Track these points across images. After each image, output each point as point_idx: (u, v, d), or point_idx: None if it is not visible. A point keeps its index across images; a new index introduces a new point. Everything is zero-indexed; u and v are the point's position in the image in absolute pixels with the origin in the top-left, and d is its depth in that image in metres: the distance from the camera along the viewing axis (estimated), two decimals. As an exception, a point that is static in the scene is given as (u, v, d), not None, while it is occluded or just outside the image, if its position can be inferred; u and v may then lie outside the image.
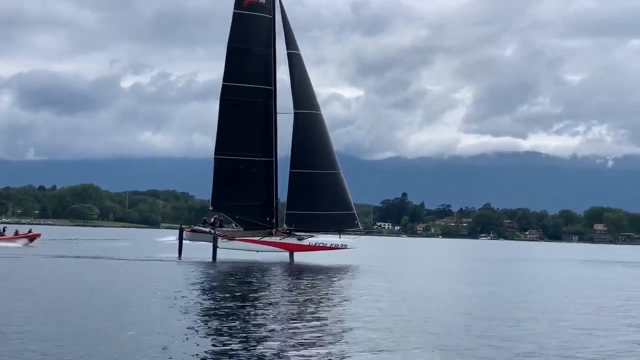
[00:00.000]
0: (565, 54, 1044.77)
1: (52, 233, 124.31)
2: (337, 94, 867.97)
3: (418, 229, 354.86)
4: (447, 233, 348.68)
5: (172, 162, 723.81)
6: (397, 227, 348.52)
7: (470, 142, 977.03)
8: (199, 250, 61.55)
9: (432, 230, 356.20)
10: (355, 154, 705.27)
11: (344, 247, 63.13)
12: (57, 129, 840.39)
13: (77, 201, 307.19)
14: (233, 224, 63.55)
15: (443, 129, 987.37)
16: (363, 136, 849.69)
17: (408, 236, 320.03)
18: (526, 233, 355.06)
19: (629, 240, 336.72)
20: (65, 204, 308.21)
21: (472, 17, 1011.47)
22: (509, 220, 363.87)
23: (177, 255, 61.64)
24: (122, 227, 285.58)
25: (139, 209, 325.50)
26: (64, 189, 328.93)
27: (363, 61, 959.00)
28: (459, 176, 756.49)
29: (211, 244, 60.17)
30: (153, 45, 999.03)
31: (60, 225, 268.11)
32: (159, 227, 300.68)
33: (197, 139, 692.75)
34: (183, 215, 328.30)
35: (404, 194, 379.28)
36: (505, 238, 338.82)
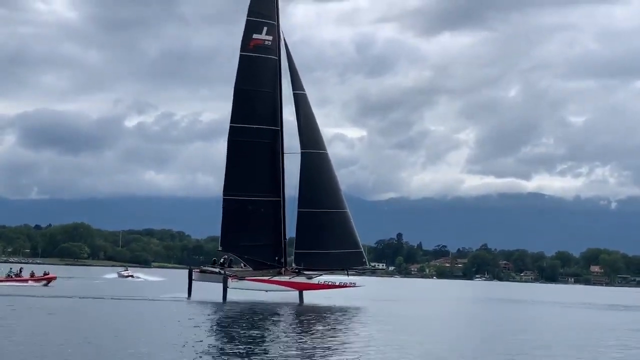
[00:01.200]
0: (569, 95, 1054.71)
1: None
2: (340, 134, 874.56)
3: (412, 269, 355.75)
4: (442, 274, 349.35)
5: (175, 202, 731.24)
6: (391, 268, 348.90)
7: (474, 183, 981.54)
8: (208, 290, 62.65)
9: (427, 271, 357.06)
10: (358, 194, 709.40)
11: (352, 285, 64.31)
12: (60, 168, 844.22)
13: (68, 240, 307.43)
14: (242, 264, 64.50)
15: (446, 169, 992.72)
16: (366, 177, 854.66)
17: (401, 276, 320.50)
18: (521, 274, 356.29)
19: (625, 283, 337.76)
20: (56, 242, 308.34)
21: (475, 59, 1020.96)
22: (505, 262, 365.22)
23: (186, 295, 62.55)
24: (111, 265, 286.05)
25: (131, 247, 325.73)
26: (55, 227, 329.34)
27: (366, 102, 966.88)
28: (462, 218, 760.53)
29: (220, 284, 61.32)
30: (157, 85, 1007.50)
31: (49, 264, 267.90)
32: (149, 266, 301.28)
33: (200, 178, 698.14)
34: (175, 254, 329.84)
35: (399, 235, 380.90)
36: (500, 279, 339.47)
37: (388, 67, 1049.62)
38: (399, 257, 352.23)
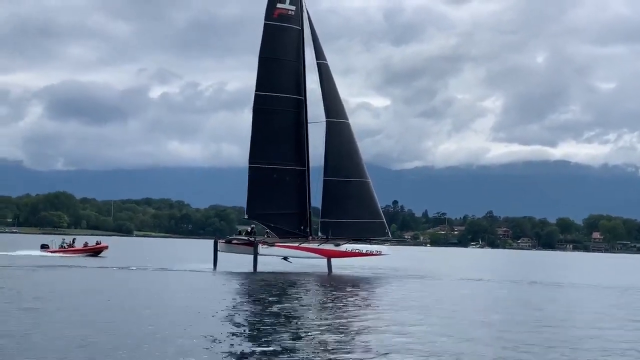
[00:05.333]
0: (598, 61, 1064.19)
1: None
2: (365, 103, 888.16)
3: (406, 237, 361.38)
4: (436, 242, 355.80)
5: (198, 172, 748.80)
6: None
7: (499, 151, 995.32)
8: (234, 262, 66.53)
9: (421, 238, 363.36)
10: (383, 163, 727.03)
11: (378, 253, 68.59)
12: (86, 139, 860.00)
13: (49, 209, 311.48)
14: (266, 234, 68.10)
15: (472, 137, 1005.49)
16: (391, 145, 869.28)
17: (391, 244, 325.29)
18: (519, 241, 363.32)
19: (625, 249, 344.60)
20: (37, 212, 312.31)
21: (504, 25, 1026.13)
22: (504, 229, 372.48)
23: (212, 266, 65.77)
24: (90, 235, 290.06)
25: (116, 216, 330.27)
26: (37, 196, 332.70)
27: (391, 70, 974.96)
28: (487, 186, 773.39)
29: (246, 255, 65.48)
30: (184, 55, 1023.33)
31: (25, 233, 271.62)
32: (132, 235, 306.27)
33: (225, 148, 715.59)
34: (162, 223, 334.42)
35: (395, 202, 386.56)
36: (497, 246, 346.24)
37: (414, 35, 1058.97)
38: (393, 225, 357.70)
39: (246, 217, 68.61)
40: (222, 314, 31.61)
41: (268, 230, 68.08)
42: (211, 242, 70.17)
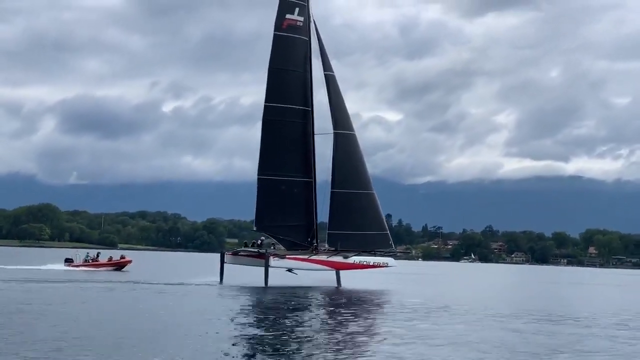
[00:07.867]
0: (612, 76, 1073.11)
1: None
2: (378, 117, 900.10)
3: (398, 251, 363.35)
4: (428, 255, 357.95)
5: (207, 186, 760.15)
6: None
7: (512, 167, 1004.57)
8: (240, 273, 67.90)
9: (413, 252, 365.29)
10: (395, 177, 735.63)
11: (385, 265, 70.30)
12: (99, 154, 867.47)
13: (32, 221, 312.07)
14: (272, 245, 69.57)
15: (485, 152, 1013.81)
16: (403, 160, 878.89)
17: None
18: (512, 256, 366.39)
19: (620, 264, 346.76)
20: (20, 224, 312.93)
21: (519, 40, 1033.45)
22: (500, 243, 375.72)
23: (218, 279, 67.24)
24: (72, 247, 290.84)
25: (105, 230, 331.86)
26: (20, 208, 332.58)
27: (404, 84, 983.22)
28: (498, 201, 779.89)
29: (253, 267, 67.20)
30: (198, 69, 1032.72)
31: (2, 245, 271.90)
32: (116, 248, 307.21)
33: (237, 163, 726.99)
34: (150, 236, 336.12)
35: (388, 215, 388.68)
36: (490, 261, 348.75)
37: (429, 49, 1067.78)
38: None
39: (255, 228, 70.08)
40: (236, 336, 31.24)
41: (274, 242, 69.59)
42: (199, 255, 71.52)
